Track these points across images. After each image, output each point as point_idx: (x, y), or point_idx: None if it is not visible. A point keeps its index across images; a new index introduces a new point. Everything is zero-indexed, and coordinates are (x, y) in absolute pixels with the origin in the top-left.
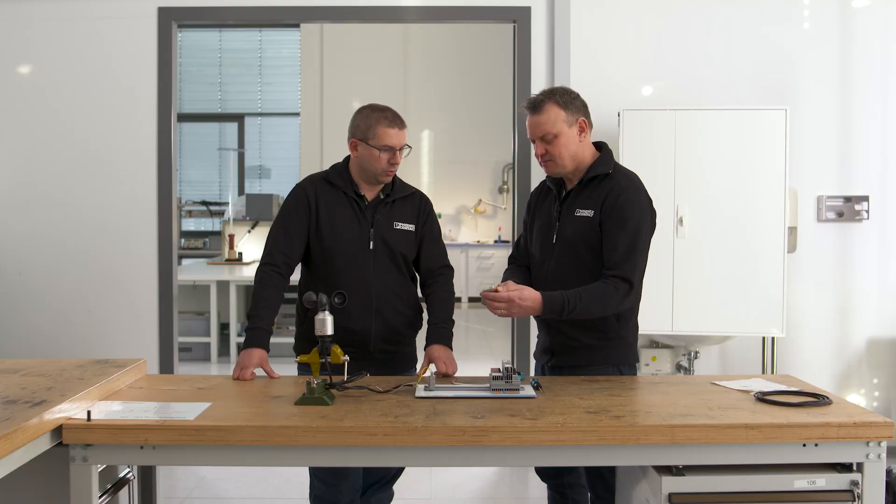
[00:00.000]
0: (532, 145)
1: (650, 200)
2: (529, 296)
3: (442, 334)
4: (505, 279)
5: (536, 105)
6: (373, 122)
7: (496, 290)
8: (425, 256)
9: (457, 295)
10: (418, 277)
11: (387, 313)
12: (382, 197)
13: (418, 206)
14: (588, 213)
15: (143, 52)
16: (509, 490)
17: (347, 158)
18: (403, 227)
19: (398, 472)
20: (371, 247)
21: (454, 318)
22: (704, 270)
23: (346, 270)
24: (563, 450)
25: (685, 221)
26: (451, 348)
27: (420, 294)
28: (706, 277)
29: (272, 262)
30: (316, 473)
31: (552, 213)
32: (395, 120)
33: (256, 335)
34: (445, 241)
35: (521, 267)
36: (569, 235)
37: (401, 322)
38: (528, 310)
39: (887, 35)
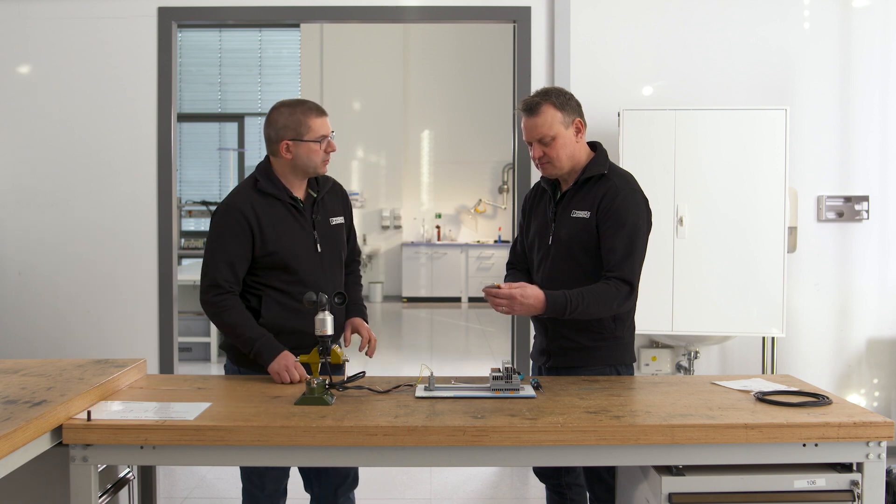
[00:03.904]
0: (528, 148)
1: (646, 200)
2: (532, 293)
3: (362, 311)
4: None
5: (533, 107)
6: (301, 116)
7: (498, 287)
8: (347, 248)
9: (457, 295)
10: None
11: (336, 313)
12: (315, 195)
13: (342, 196)
14: (584, 214)
15: (143, 52)
16: (509, 490)
17: (267, 161)
18: (337, 222)
19: (355, 480)
20: (319, 249)
21: None
22: (704, 270)
23: (301, 277)
24: (563, 450)
25: (685, 221)
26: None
27: None
28: (706, 277)
29: (222, 291)
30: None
31: (547, 214)
32: (320, 109)
33: (268, 345)
34: (445, 241)
35: (521, 272)
36: (564, 236)
37: (343, 318)
38: (530, 308)
39: (887, 34)
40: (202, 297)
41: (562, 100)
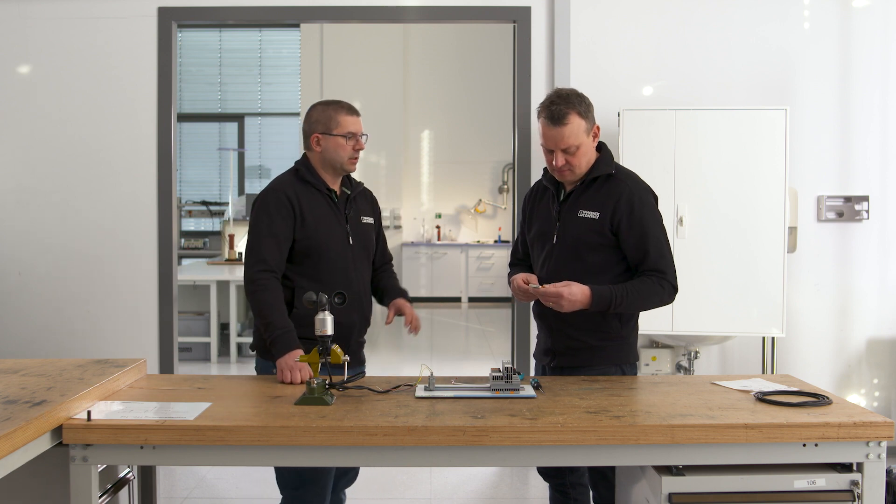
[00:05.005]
0: (544, 153)
1: (655, 195)
2: (578, 290)
3: (404, 293)
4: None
5: (560, 117)
6: (332, 112)
7: (542, 288)
8: (379, 251)
9: (457, 295)
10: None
11: (364, 306)
12: (348, 192)
13: (371, 200)
14: (593, 214)
15: (143, 52)
16: (509, 490)
17: (303, 156)
18: (367, 221)
19: (356, 476)
20: (350, 242)
21: None
22: (704, 270)
23: (332, 267)
24: (563, 450)
25: (685, 221)
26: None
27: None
28: (706, 277)
29: (268, 269)
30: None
31: (551, 213)
32: (352, 108)
33: (286, 339)
34: (445, 241)
35: (525, 269)
36: (571, 236)
37: (370, 313)
38: (576, 303)
39: (887, 34)
40: (247, 273)
41: (583, 107)
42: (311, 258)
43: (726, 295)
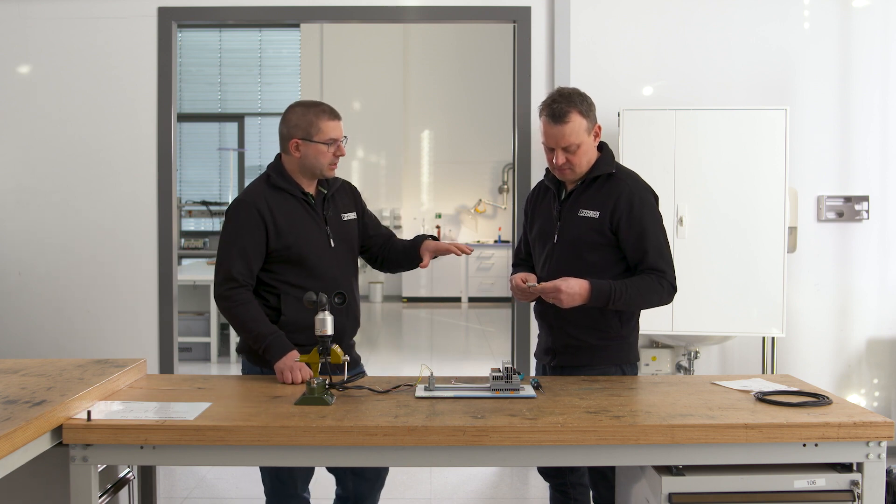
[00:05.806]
0: (545, 151)
1: (656, 195)
2: (576, 283)
3: (427, 236)
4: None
5: (561, 115)
6: (312, 118)
7: (539, 285)
8: (376, 234)
9: (457, 295)
10: (371, 254)
11: (353, 308)
12: (325, 192)
13: (351, 191)
14: (593, 213)
15: (143, 52)
16: (509, 490)
17: (278, 159)
18: (349, 217)
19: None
20: (332, 244)
21: None
22: (704, 270)
23: (315, 272)
24: (563, 450)
25: (685, 221)
26: None
27: (374, 267)
28: (706, 277)
29: (237, 285)
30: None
31: (552, 212)
32: (334, 112)
33: (279, 343)
34: (445, 241)
35: (527, 269)
36: (571, 235)
37: (359, 313)
38: (575, 296)
39: (887, 34)
40: (216, 290)
41: (585, 106)
42: (293, 265)
43: (726, 295)
